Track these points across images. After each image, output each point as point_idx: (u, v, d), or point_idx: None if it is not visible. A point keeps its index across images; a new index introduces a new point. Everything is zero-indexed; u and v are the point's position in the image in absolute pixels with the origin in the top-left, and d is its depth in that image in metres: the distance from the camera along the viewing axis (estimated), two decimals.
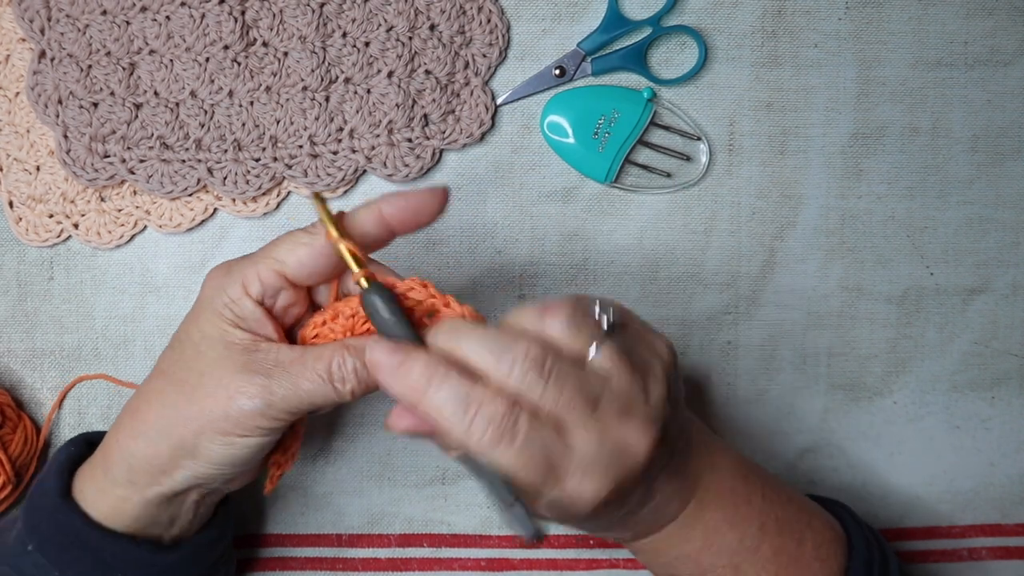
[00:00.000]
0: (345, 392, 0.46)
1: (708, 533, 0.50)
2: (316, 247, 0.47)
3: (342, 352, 0.46)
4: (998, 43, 0.62)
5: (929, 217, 0.63)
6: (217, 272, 0.48)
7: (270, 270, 0.47)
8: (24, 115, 0.60)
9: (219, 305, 0.47)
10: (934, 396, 0.64)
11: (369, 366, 0.43)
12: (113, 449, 0.49)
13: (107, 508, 0.49)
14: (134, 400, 0.50)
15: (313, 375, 0.46)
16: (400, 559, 0.64)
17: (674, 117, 0.62)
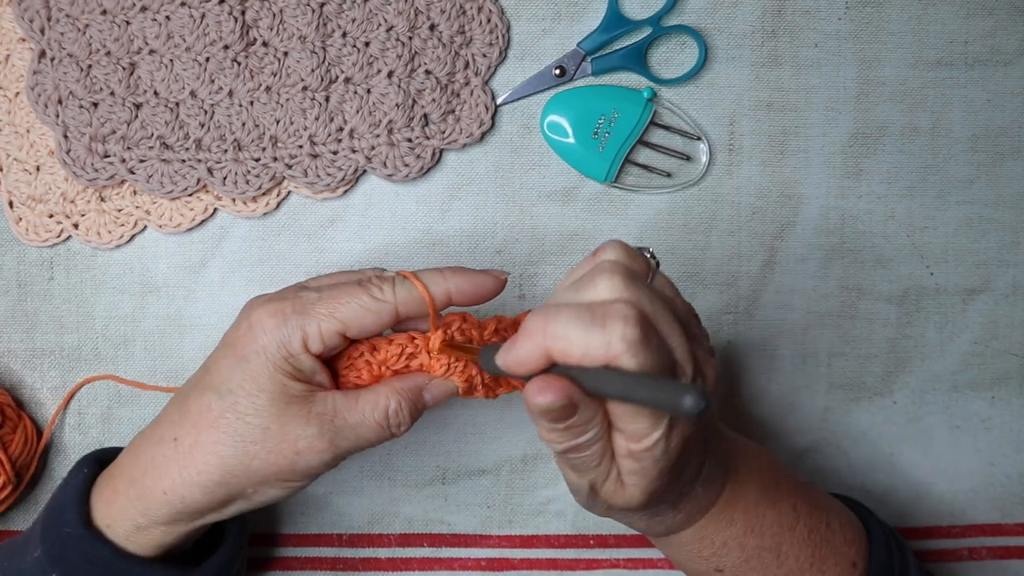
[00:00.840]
0: (400, 433, 0.49)
1: (749, 513, 0.50)
2: (383, 317, 0.47)
3: (397, 398, 0.48)
4: (998, 43, 0.62)
5: (929, 217, 0.63)
6: (272, 321, 0.47)
7: (333, 332, 0.47)
8: (24, 115, 0.60)
9: (278, 359, 0.46)
10: (934, 396, 0.64)
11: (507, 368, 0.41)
12: (156, 495, 0.48)
13: (145, 541, 0.49)
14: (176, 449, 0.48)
15: (373, 423, 0.48)
16: (400, 559, 0.64)
17: (674, 117, 0.62)
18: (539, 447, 0.63)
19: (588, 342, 0.38)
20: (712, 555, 0.50)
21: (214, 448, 0.47)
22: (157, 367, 0.62)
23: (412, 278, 0.48)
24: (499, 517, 0.64)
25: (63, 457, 0.62)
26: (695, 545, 0.50)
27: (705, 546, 0.50)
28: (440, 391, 0.49)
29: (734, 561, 0.50)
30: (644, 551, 0.64)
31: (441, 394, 0.49)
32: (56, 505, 0.51)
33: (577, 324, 0.39)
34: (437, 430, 0.63)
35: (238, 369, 0.47)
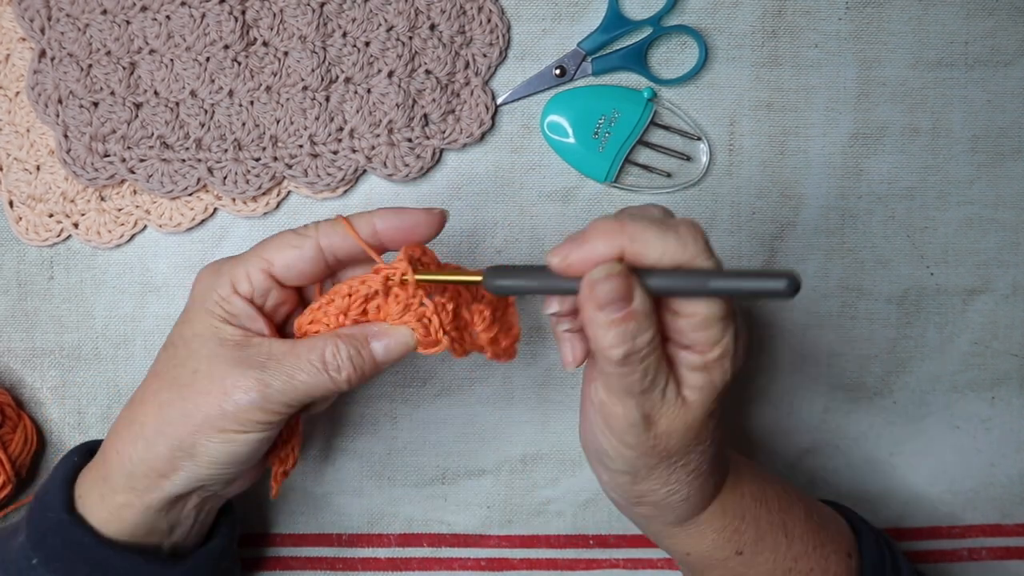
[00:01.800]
0: (341, 380, 0.46)
1: (753, 489, 0.51)
2: (304, 251, 0.47)
3: (335, 341, 0.47)
4: (998, 43, 0.62)
5: (929, 217, 0.63)
6: (206, 272, 0.49)
7: (258, 270, 0.47)
8: (24, 115, 0.60)
9: (210, 304, 0.48)
10: (934, 396, 0.64)
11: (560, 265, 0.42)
12: (111, 456, 0.49)
13: (107, 515, 0.49)
14: (129, 406, 0.49)
15: (307, 365, 0.46)
16: (400, 559, 0.64)
17: (674, 117, 0.62)
18: (539, 447, 0.63)
19: (665, 244, 0.40)
20: (734, 533, 0.50)
21: (155, 397, 0.48)
22: None
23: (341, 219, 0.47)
24: (499, 517, 0.64)
25: None
26: (719, 521, 0.50)
27: (728, 521, 0.50)
28: (392, 338, 0.47)
29: (751, 538, 0.50)
30: (644, 551, 0.64)
31: (393, 342, 0.47)
32: (42, 491, 0.51)
33: (653, 228, 0.40)
34: (437, 430, 0.63)
35: (180, 322, 0.49)
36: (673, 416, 0.44)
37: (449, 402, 0.63)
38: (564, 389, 0.63)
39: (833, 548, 0.51)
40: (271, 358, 0.46)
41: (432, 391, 0.63)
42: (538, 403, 0.63)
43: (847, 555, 0.51)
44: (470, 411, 0.63)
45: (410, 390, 0.63)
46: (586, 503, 0.64)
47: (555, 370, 0.63)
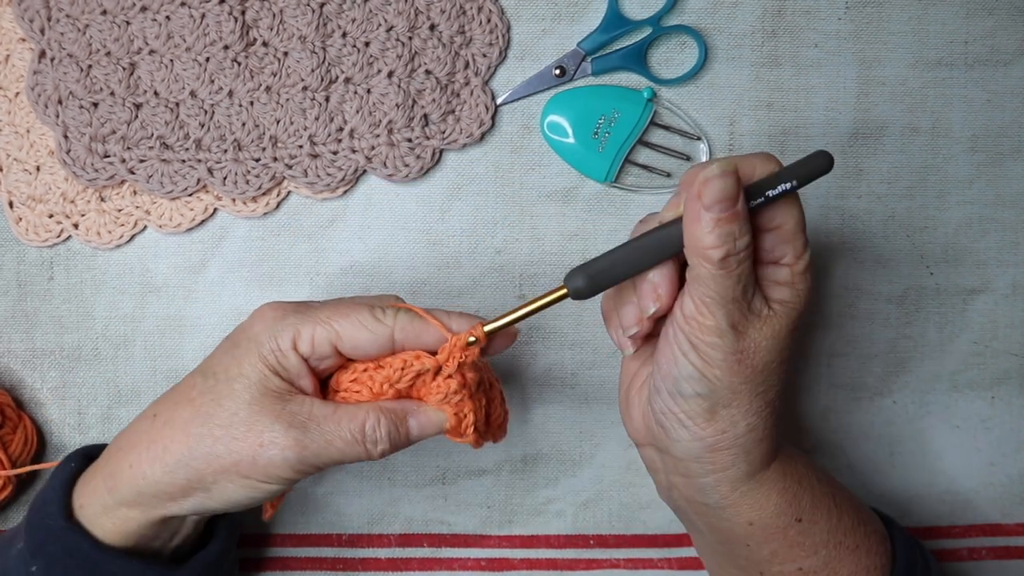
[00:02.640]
0: (376, 453, 0.47)
1: (802, 458, 0.51)
2: (379, 338, 0.47)
3: (377, 414, 0.47)
4: (998, 43, 0.62)
5: (929, 217, 0.63)
6: (271, 313, 0.48)
7: (325, 338, 0.47)
8: (24, 115, 0.60)
9: (265, 350, 0.47)
10: (934, 396, 0.64)
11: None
12: (123, 470, 0.48)
13: (110, 526, 0.49)
14: (152, 424, 0.48)
15: (347, 434, 0.46)
16: (400, 559, 0.64)
17: (674, 117, 0.62)
18: (539, 447, 0.63)
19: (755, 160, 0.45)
20: (794, 497, 0.49)
21: (184, 425, 0.47)
22: (157, 367, 0.62)
23: (418, 310, 0.48)
24: (499, 517, 0.64)
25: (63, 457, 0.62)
26: (781, 483, 0.49)
27: (788, 484, 0.49)
28: (427, 419, 0.48)
29: (808, 504, 0.49)
30: (644, 551, 0.64)
31: (428, 423, 0.48)
32: (40, 497, 0.51)
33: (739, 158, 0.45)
34: None
35: (227, 354, 0.48)
36: (760, 327, 0.45)
37: None
38: (564, 389, 0.63)
39: (873, 528, 0.51)
40: (312, 419, 0.46)
41: None
42: (538, 403, 0.63)
43: (884, 538, 0.52)
44: None
45: None
46: (586, 503, 0.64)
47: (555, 370, 0.63)
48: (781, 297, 0.46)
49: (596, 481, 0.64)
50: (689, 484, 0.50)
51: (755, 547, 0.50)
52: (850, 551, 0.50)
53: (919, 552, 0.53)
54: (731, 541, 0.51)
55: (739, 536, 0.50)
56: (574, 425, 0.63)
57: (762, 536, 0.49)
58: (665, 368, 0.47)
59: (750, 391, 0.46)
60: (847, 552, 0.50)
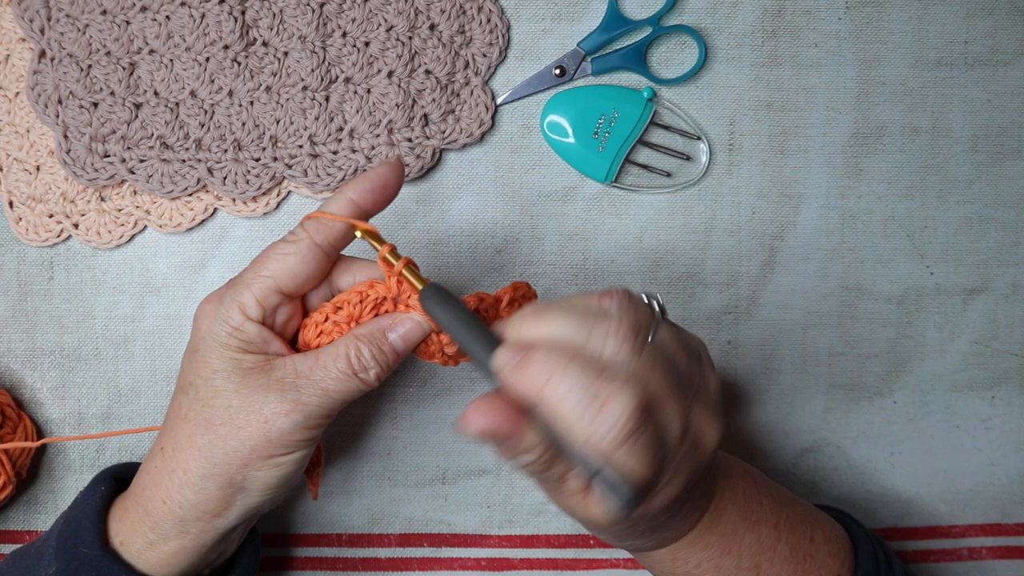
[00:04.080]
0: (371, 379, 0.47)
1: (727, 537, 0.49)
2: (304, 253, 0.47)
3: (355, 343, 0.46)
4: (998, 43, 0.62)
5: (929, 217, 0.63)
6: (209, 305, 0.48)
7: (265, 288, 0.47)
8: (24, 115, 0.60)
9: (222, 336, 0.47)
10: (934, 396, 0.64)
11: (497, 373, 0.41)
12: (157, 507, 0.48)
13: (157, 560, 0.48)
14: (163, 456, 0.48)
15: (336, 373, 0.46)
16: (400, 559, 0.64)
17: (674, 117, 0.62)
18: None
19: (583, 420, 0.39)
20: (686, 574, 0.50)
21: (190, 442, 0.47)
22: (157, 367, 0.62)
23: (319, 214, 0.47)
24: (499, 517, 0.64)
25: (63, 457, 0.62)
26: (668, 564, 0.50)
27: (679, 565, 0.50)
28: (406, 326, 0.47)
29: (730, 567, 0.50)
30: None
31: (408, 331, 0.47)
32: (73, 523, 0.50)
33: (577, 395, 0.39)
34: (437, 430, 0.63)
35: (192, 362, 0.48)
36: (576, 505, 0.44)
37: (449, 402, 0.63)
38: None
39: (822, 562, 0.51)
40: (299, 376, 0.46)
41: (432, 391, 0.63)
42: None
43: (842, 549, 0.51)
44: None
45: (410, 390, 0.63)
46: None
47: None
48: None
49: None
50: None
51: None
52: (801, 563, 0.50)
53: (882, 553, 0.53)
54: None
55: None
56: None
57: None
58: None
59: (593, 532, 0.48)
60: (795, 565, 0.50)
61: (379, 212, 0.48)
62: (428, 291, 0.45)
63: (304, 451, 0.47)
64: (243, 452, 0.46)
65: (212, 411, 0.46)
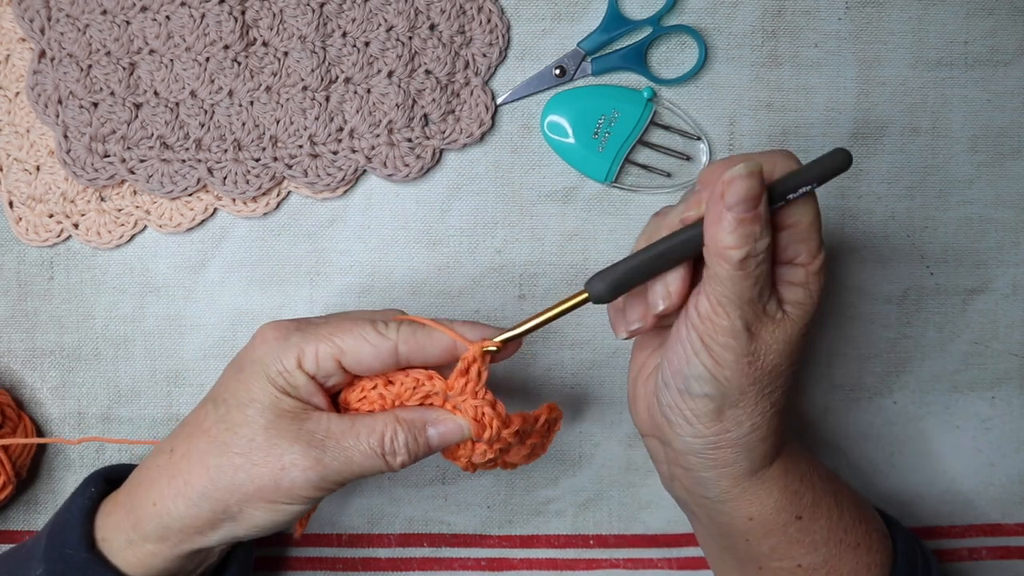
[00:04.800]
0: (396, 464, 0.47)
1: (805, 454, 0.51)
2: (380, 352, 0.47)
3: (394, 425, 0.47)
4: (998, 43, 0.62)
5: (929, 217, 0.63)
6: (273, 334, 0.48)
7: (328, 355, 0.47)
8: (24, 115, 0.60)
9: (272, 372, 0.47)
10: (934, 396, 0.64)
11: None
12: (146, 507, 0.48)
13: (135, 560, 0.48)
14: (171, 459, 0.48)
15: (366, 448, 0.46)
16: (400, 559, 0.64)
17: (674, 117, 0.62)
18: None
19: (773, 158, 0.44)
20: (795, 494, 0.49)
21: (202, 457, 0.47)
22: (157, 367, 0.62)
23: (423, 320, 0.47)
24: (499, 517, 0.64)
25: (63, 457, 0.63)
26: (783, 480, 0.49)
27: (790, 481, 0.49)
28: (447, 426, 0.47)
29: (809, 502, 0.49)
30: (644, 551, 0.64)
31: (449, 431, 0.47)
32: (61, 524, 0.50)
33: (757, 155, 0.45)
34: None
35: (234, 379, 0.48)
36: (773, 330, 0.45)
37: None
38: (564, 389, 0.63)
39: (875, 526, 0.52)
40: (330, 436, 0.46)
41: None
42: (538, 403, 0.63)
43: (885, 535, 0.52)
44: None
45: None
46: (586, 503, 0.64)
47: (555, 370, 0.63)
48: (795, 298, 0.46)
49: (596, 481, 0.64)
50: (690, 477, 0.50)
51: (755, 542, 0.50)
52: (851, 548, 0.50)
53: (920, 551, 0.53)
54: (731, 535, 0.51)
55: (739, 530, 0.50)
56: (574, 425, 0.63)
57: (762, 532, 0.50)
58: (675, 365, 0.47)
59: (757, 392, 0.46)
60: (848, 549, 0.50)
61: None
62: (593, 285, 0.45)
63: (304, 508, 0.47)
64: (249, 488, 0.46)
65: (234, 437, 0.46)
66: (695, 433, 0.47)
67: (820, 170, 0.44)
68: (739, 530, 0.50)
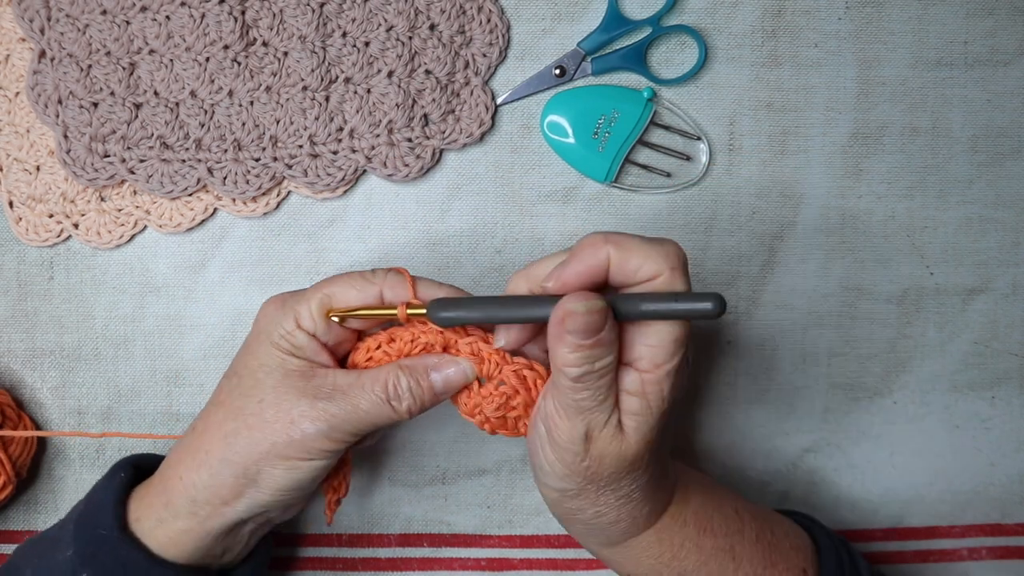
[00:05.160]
0: (402, 410, 0.48)
1: (698, 515, 0.51)
2: (367, 297, 0.49)
3: (396, 372, 0.48)
4: (998, 43, 0.62)
5: (929, 217, 0.63)
6: (272, 305, 0.50)
7: (320, 306, 0.49)
8: (24, 115, 0.60)
9: (275, 337, 0.49)
10: (934, 396, 0.64)
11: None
12: (175, 483, 0.49)
13: (165, 539, 0.49)
14: (192, 435, 0.50)
15: (371, 395, 0.48)
16: (400, 559, 0.64)
17: (674, 117, 0.62)
18: None
19: (647, 253, 0.43)
20: (672, 558, 0.50)
21: (220, 426, 0.49)
22: (157, 367, 0.62)
23: (407, 276, 0.49)
24: (499, 517, 0.64)
25: (63, 457, 0.63)
26: (656, 548, 0.50)
27: (665, 548, 0.50)
28: (450, 369, 0.48)
29: (693, 563, 0.50)
30: None
31: (451, 374, 0.48)
32: (92, 506, 0.51)
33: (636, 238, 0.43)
34: (437, 430, 0.63)
35: (245, 353, 0.50)
36: (608, 442, 0.45)
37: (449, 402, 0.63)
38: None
39: (786, 566, 0.51)
40: (336, 389, 0.48)
41: None
42: None
43: (802, 571, 0.51)
44: None
45: None
46: None
47: None
48: (632, 408, 0.45)
49: None
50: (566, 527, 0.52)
51: None
52: None
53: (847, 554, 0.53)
54: None
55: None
56: None
57: None
58: (530, 450, 0.48)
59: (595, 490, 0.47)
60: None
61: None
62: (434, 305, 0.46)
63: (322, 462, 0.48)
64: (263, 446, 0.47)
65: (246, 401, 0.48)
66: (550, 505, 0.50)
67: (685, 307, 0.42)
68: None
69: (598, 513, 0.48)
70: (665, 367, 0.43)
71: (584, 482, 0.46)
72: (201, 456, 0.49)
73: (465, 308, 0.46)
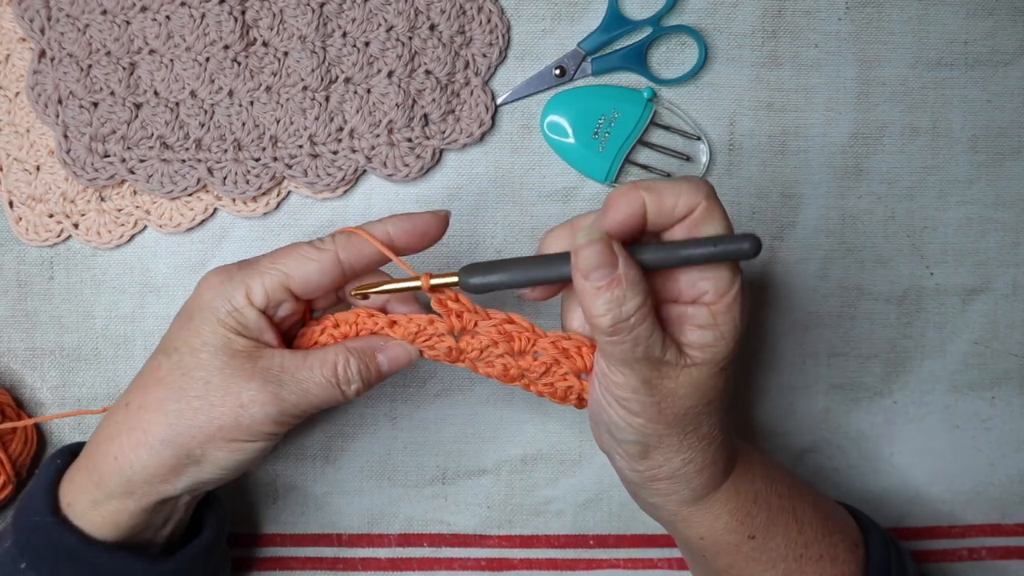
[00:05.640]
0: (351, 393, 0.48)
1: (763, 472, 0.51)
2: (324, 264, 0.48)
3: (346, 355, 0.48)
4: (998, 43, 0.62)
5: (929, 217, 0.63)
6: (217, 278, 0.48)
7: (276, 282, 0.47)
8: (24, 115, 0.60)
9: (222, 313, 0.47)
10: (934, 396, 0.64)
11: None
12: (107, 462, 0.48)
13: (100, 520, 0.48)
14: (126, 412, 0.49)
15: (320, 378, 0.47)
16: (400, 559, 0.64)
17: (674, 117, 0.62)
18: (539, 447, 0.63)
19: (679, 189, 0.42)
20: (746, 516, 0.49)
21: (160, 405, 0.47)
22: None
23: (352, 229, 0.48)
24: (499, 517, 0.64)
25: None
26: (733, 502, 0.49)
27: (741, 503, 0.49)
28: (395, 351, 0.49)
29: (763, 522, 0.49)
30: (644, 551, 0.64)
31: (397, 356, 0.49)
32: (26, 495, 0.50)
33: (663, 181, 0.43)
34: (437, 430, 0.63)
35: (184, 328, 0.48)
36: (676, 377, 0.44)
37: (449, 402, 0.63)
38: None
39: (841, 537, 0.51)
40: (284, 371, 0.47)
41: (432, 391, 0.63)
42: (538, 403, 0.63)
43: (854, 545, 0.51)
44: (470, 411, 0.63)
45: (410, 390, 0.63)
46: (586, 503, 0.64)
47: None
48: (701, 341, 0.44)
49: (596, 481, 0.64)
50: (641, 500, 0.51)
51: (711, 558, 0.51)
52: (813, 562, 0.50)
53: (896, 556, 0.53)
54: (691, 549, 0.52)
55: (695, 547, 0.51)
56: (574, 425, 0.63)
57: (714, 551, 0.50)
58: (595, 413, 0.48)
59: (678, 433, 0.46)
60: (810, 563, 0.50)
61: (409, 255, 0.49)
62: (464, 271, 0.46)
63: (267, 443, 0.48)
64: (210, 429, 0.46)
65: (190, 381, 0.47)
66: (630, 468, 0.48)
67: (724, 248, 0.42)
68: (695, 547, 0.51)
69: (685, 460, 0.47)
70: (731, 293, 0.43)
71: (663, 427, 0.45)
72: (138, 435, 0.47)
73: (496, 272, 0.45)
